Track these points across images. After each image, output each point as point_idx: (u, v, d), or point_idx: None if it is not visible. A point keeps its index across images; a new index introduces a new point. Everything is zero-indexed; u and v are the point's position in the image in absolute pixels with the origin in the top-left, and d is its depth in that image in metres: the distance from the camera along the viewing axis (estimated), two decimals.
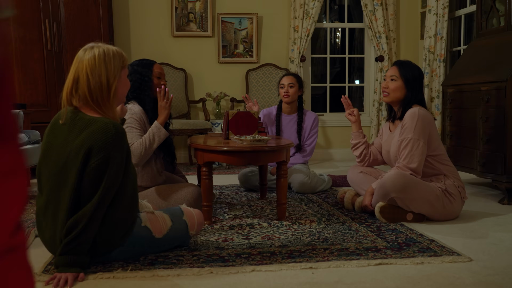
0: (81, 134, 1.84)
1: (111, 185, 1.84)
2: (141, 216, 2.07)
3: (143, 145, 2.58)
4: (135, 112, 2.66)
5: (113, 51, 1.95)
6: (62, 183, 1.86)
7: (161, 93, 2.66)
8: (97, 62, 1.90)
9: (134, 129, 2.62)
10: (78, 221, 1.80)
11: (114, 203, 1.90)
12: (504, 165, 3.10)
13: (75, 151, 1.83)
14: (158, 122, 2.64)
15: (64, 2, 4.67)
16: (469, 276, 1.86)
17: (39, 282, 1.82)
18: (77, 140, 1.84)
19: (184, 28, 5.42)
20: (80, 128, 1.86)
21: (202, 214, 2.31)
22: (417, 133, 2.63)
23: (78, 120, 1.88)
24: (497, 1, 3.71)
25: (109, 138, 1.82)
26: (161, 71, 2.81)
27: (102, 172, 1.82)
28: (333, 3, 8.40)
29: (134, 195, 2.00)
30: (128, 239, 1.98)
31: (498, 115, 3.15)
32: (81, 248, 1.83)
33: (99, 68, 1.90)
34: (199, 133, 4.82)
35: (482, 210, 2.99)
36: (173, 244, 2.16)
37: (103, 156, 1.81)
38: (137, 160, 2.59)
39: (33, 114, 4.36)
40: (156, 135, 2.61)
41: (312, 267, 1.96)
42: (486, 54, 3.58)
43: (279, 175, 2.71)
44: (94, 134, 1.82)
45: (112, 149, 1.83)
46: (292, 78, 3.74)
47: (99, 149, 1.81)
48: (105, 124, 1.85)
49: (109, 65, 1.91)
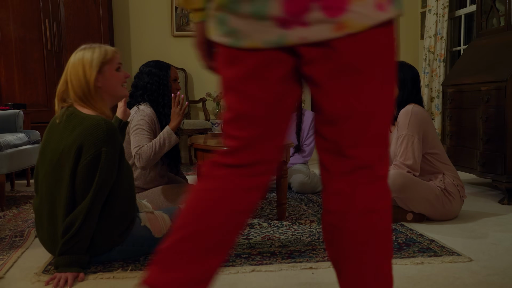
0: (74, 131, 1.86)
1: (104, 182, 1.85)
2: (141, 216, 2.07)
3: (153, 149, 2.57)
4: (147, 114, 2.65)
5: (94, 50, 1.97)
6: (57, 182, 1.86)
7: (176, 99, 2.65)
8: (77, 64, 1.93)
9: (144, 131, 2.61)
10: (75, 220, 1.80)
11: (110, 200, 1.91)
12: (504, 165, 3.10)
13: (68, 148, 1.84)
14: (170, 128, 2.63)
15: (64, 2, 4.67)
16: (469, 276, 1.86)
17: (39, 282, 1.82)
18: (70, 137, 1.85)
19: (184, 28, 5.42)
20: (74, 125, 1.88)
21: None
22: (411, 129, 2.62)
23: (72, 117, 1.90)
24: (497, 1, 3.71)
25: (100, 135, 1.84)
26: (176, 74, 2.83)
27: (94, 169, 1.83)
28: None
29: (130, 192, 2.00)
30: (127, 237, 1.98)
31: (498, 115, 3.15)
32: (80, 246, 1.83)
33: (77, 70, 1.93)
34: (199, 133, 4.82)
35: (482, 210, 2.99)
36: None
37: (94, 153, 1.82)
38: (145, 163, 2.58)
39: (33, 114, 4.36)
40: (167, 140, 2.60)
41: (312, 267, 1.96)
42: (486, 54, 3.58)
43: (279, 175, 2.71)
44: (85, 131, 1.84)
45: (103, 146, 1.84)
46: None
47: (90, 146, 1.82)
48: (97, 121, 1.86)
49: (86, 65, 1.93)
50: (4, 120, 3.78)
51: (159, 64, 2.80)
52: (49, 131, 1.98)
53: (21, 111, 3.90)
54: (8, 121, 3.77)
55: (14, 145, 3.37)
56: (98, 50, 1.98)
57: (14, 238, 2.41)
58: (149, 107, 2.71)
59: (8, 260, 2.06)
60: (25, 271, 1.95)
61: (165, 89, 2.74)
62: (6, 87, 4.58)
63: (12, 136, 3.44)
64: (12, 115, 3.81)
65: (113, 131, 1.88)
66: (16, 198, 3.47)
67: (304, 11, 0.94)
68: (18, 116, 3.83)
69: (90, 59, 1.94)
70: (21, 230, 2.57)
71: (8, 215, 2.91)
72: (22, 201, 3.33)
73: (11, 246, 2.28)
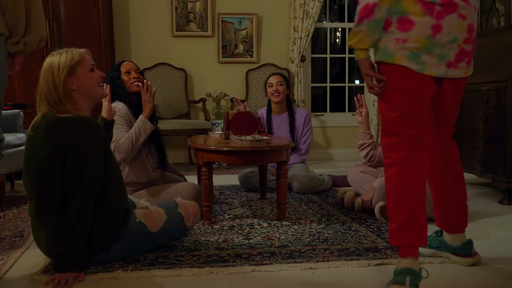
0: (55, 135, 1.84)
1: (93, 178, 1.84)
2: (136, 212, 2.08)
3: (130, 139, 2.61)
4: (119, 109, 2.71)
5: (61, 54, 1.95)
6: (46, 187, 1.85)
7: (143, 87, 2.69)
8: (46, 70, 1.93)
9: (119, 125, 2.66)
10: (68, 220, 1.80)
11: (101, 197, 1.91)
12: (504, 165, 3.10)
13: (52, 152, 1.83)
14: (143, 116, 2.68)
15: (64, 2, 4.67)
16: (469, 276, 1.86)
17: (39, 283, 1.82)
18: (52, 142, 1.83)
19: (184, 28, 5.42)
20: (53, 128, 1.85)
21: (197, 205, 2.31)
22: None
23: (51, 122, 1.87)
24: (497, 1, 3.71)
25: (83, 132, 1.84)
26: (129, 66, 2.84)
27: (82, 166, 1.82)
28: (333, 3, 8.41)
29: (120, 186, 2.01)
30: (123, 234, 1.98)
31: (498, 115, 3.15)
32: (77, 246, 1.83)
33: (47, 75, 1.93)
34: (199, 133, 4.82)
35: (482, 210, 2.99)
36: (171, 237, 2.17)
37: (81, 151, 1.82)
38: (125, 155, 2.62)
39: (33, 114, 4.35)
40: (142, 129, 2.64)
41: (312, 267, 1.96)
42: (486, 54, 3.58)
43: (279, 175, 2.71)
44: (67, 131, 1.83)
45: (88, 143, 1.83)
46: (280, 77, 3.72)
47: (74, 145, 1.82)
48: (77, 119, 1.86)
49: (54, 69, 1.92)
50: (4, 120, 3.78)
51: (112, 66, 2.89)
52: (28, 143, 1.94)
53: (21, 111, 3.90)
54: (8, 121, 3.78)
55: (14, 145, 3.37)
56: (64, 54, 1.96)
57: (14, 238, 2.41)
58: (120, 102, 2.76)
59: (8, 260, 2.06)
60: (25, 271, 1.94)
61: (118, 85, 2.78)
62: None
63: (12, 136, 3.44)
64: (12, 115, 3.81)
65: (95, 127, 1.88)
66: (16, 198, 3.47)
67: (460, 61, 1.77)
68: (18, 116, 3.83)
69: (57, 64, 1.92)
70: (21, 230, 2.57)
71: (8, 215, 2.91)
72: (22, 201, 3.33)
73: (11, 246, 2.28)
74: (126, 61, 2.90)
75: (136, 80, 2.80)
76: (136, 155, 2.71)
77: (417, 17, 1.66)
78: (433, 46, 1.68)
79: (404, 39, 1.68)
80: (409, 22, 1.67)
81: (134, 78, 2.80)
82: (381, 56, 1.73)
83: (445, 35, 1.69)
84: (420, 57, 1.69)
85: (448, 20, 1.68)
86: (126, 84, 2.80)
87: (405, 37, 1.68)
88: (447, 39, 1.70)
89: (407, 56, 1.69)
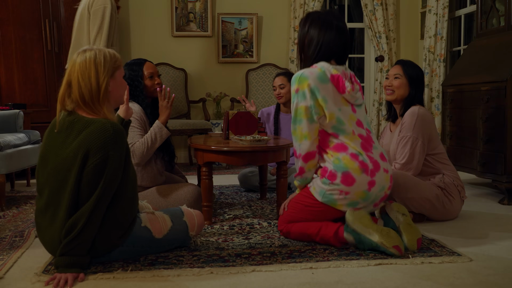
0: (79, 136, 1.84)
1: (109, 185, 1.84)
2: (141, 216, 2.07)
3: (145, 144, 2.58)
4: (135, 111, 2.66)
5: (104, 52, 1.94)
6: (61, 184, 1.85)
7: (162, 92, 2.66)
8: (87, 64, 1.89)
9: (134, 128, 2.62)
10: (77, 221, 1.80)
11: (113, 204, 1.90)
12: (504, 165, 3.10)
13: (74, 152, 1.82)
14: (159, 122, 2.64)
15: (64, 2, 4.67)
16: (469, 276, 1.86)
17: (39, 283, 1.82)
18: (75, 142, 1.83)
19: (184, 28, 5.43)
20: (79, 129, 1.86)
21: (203, 215, 2.30)
22: (416, 131, 2.63)
23: (76, 123, 1.88)
24: (497, 1, 3.71)
25: (107, 138, 1.82)
26: (152, 70, 2.78)
27: (100, 172, 1.82)
28: (333, 3, 8.40)
29: (134, 195, 1.99)
30: (127, 239, 1.98)
31: (498, 115, 3.15)
32: (81, 248, 1.83)
33: (89, 70, 1.89)
34: (199, 133, 4.82)
35: (482, 210, 2.99)
36: (173, 244, 2.16)
37: (102, 156, 1.81)
38: (139, 160, 2.59)
39: (33, 114, 4.36)
40: (158, 135, 2.61)
41: (312, 267, 1.96)
42: (486, 54, 3.58)
43: (279, 175, 2.71)
44: (92, 134, 1.82)
45: (110, 149, 1.82)
46: (283, 79, 3.73)
47: (97, 149, 1.81)
48: (103, 124, 1.84)
49: (99, 67, 1.90)
50: (4, 120, 3.78)
51: (133, 61, 2.79)
52: (49, 137, 1.94)
53: (21, 111, 3.90)
54: (8, 121, 3.78)
55: (14, 145, 3.37)
56: (109, 54, 1.94)
57: (14, 238, 2.41)
58: (136, 104, 2.71)
59: (8, 260, 2.06)
60: (25, 271, 1.94)
61: (138, 87, 2.73)
62: (6, 87, 4.59)
63: (12, 136, 3.44)
64: (12, 115, 3.81)
65: (120, 134, 1.87)
66: (16, 198, 3.47)
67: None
68: (18, 116, 3.83)
69: (103, 62, 1.90)
70: (21, 230, 2.57)
71: (8, 215, 2.91)
72: (22, 201, 3.33)
73: (11, 246, 2.28)
74: (148, 61, 2.81)
75: (158, 86, 2.75)
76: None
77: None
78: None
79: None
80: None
81: (157, 84, 2.75)
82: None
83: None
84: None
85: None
86: (149, 89, 2.76)
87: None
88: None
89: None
